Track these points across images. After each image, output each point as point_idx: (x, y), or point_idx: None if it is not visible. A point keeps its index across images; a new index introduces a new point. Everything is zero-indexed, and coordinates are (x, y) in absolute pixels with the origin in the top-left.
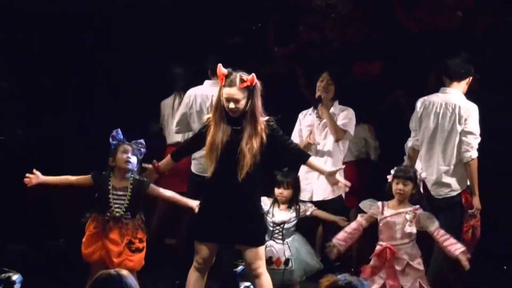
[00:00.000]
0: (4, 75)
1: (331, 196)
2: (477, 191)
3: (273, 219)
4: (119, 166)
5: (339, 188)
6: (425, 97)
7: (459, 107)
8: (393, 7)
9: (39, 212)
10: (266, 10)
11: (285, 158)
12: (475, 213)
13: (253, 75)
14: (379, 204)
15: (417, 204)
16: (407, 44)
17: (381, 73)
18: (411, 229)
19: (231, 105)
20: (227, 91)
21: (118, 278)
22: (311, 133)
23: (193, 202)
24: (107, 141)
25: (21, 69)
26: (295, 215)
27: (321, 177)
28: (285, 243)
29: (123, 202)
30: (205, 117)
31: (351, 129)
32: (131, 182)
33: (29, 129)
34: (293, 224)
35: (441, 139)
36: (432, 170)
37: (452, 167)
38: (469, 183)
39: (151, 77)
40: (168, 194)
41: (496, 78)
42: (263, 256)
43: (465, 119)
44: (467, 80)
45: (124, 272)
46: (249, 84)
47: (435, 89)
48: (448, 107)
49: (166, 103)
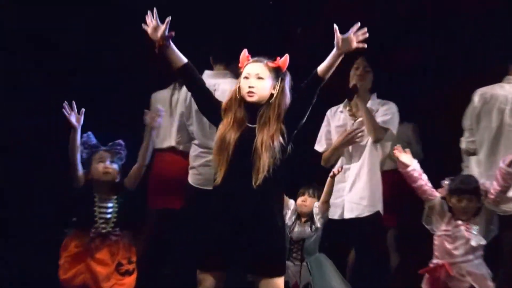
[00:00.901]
0: None
1: (366, 213)
2: None
3: (290, 234)
4: (96, 178)
5: (375, 202)
6: (484, 89)
7: None
8: None
9: None
10: None
11: (298, 102)
12: None
13: (286, 56)
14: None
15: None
16: (471, 18)
17: (431, 61)
18: (476, 241)
19: (252, 82)
20: (249, 66)
21: None
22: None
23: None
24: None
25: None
26: (314, 229)
27: (354, 190)
28: (304, 264)
29: (110, 216)
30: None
31: (393, 127)
32: (117, 193)
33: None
34: (314, 240)
35: (507, 142)
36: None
37: None
38: None
39: (139, 66)
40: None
41: None
42: None
43: None
44: None
45: None
46: (280, 66)
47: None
48: None
49: (159, 97)
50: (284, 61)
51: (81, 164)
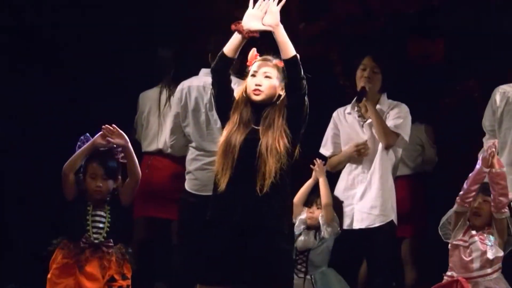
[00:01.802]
0: None
1: (377, 223)
2: None
3: (295, 244)
4: (89, 191)
5: (387, 211)
6: (505, 87)
7: None
8: None
9: None
10: None
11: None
12: None
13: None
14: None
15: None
16: (483, 13)
17: (445, 55)
18: (493, 253)
19: (259, 79)
20: (257, 64)
21: None
22: None
23: None
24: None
25: None
26: (322, 237)
27: (364, 198)
28: (308, 277)
29: (102, 226)
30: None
31: (405, 133)
32: (109, 201)
33: None
34: (321, 252)
35: None
36: None
37: None
38: None
39: (129, 62)
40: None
41: None
42: None
43: None
44: None
45: None
46: None
47: None
48: None
49: (148, 96)
50: None
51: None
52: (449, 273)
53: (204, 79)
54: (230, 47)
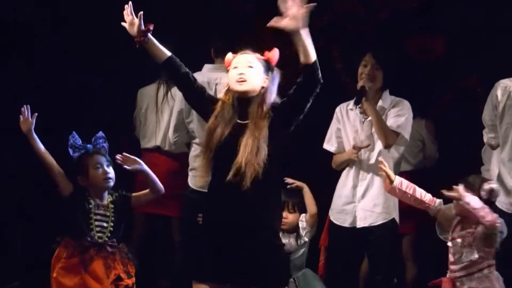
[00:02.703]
0: None
1: (380, 221)
2: None
3: None
4: (96, 185)
5: (389, 209)
6: (507, 81)
7: None
8: None
9: None
10: None
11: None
12: None
13: (275, 50)
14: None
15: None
16: (485, 8)
17: (446, 51)
18: (471, 255)
19: (241, 69)
20: (237, 58)
21: None
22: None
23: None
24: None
25: None
26: (302, 242)
27: (367, 196)
28: (291, 280)
29: (106, 225)
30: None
31: (406, 132)
32: (112, 199)
33: None
34: (301, 254)
35: None
36: None
37: None
38: None
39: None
40: (148, 188)
41: None
42: None
43: None
44: None
45: None
46: (269, 58)
47: None
48: None
49: (146, 93)
50: (273, 54)
51: (65, 170)
52: (449, 272)
53: (208, 74)
54: (153, 56)
